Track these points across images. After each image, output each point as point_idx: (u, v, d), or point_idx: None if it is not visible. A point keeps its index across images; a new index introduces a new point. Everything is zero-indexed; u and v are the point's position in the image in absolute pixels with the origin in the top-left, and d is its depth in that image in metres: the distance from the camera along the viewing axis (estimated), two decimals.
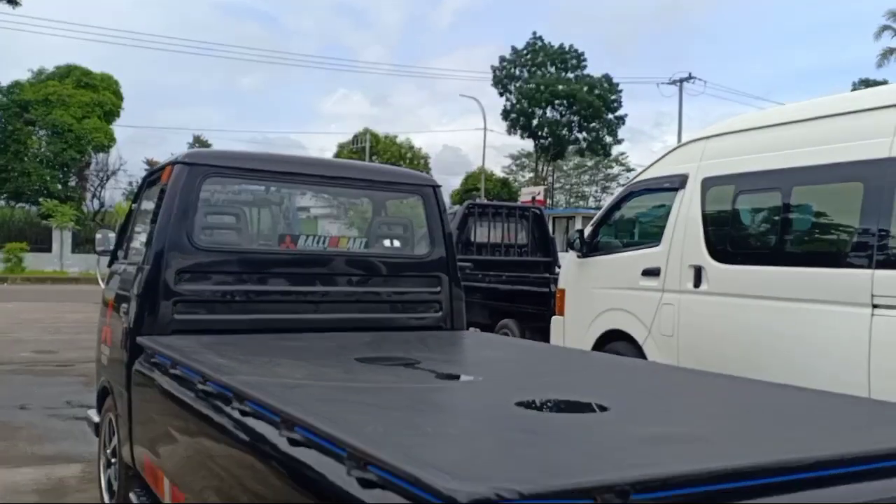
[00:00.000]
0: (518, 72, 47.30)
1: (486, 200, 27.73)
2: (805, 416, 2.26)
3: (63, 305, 16.62)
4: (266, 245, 4.82)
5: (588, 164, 58.45)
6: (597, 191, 59.86)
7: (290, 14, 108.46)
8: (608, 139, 47.11)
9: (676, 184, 5.50)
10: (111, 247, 4.79)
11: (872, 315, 4.03)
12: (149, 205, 4.23)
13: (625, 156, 56.77)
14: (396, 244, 4.72)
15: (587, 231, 6.42)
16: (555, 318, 6.67)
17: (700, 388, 2.81)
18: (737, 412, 2.33)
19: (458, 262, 4.57)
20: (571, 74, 46.68)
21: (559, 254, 11.49)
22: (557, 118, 45.79)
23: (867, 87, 6.05)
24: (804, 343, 4.34)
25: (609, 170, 58.85)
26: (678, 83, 36.78)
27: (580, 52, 46.87)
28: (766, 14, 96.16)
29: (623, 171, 55.78)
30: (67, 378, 8.36)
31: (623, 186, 6.71)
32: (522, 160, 55.92)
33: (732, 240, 5.05)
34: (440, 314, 4.38)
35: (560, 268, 8.77)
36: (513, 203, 18.74)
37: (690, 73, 36.99)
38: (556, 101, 44.92)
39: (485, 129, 40.19)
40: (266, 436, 2.03)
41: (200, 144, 41.99)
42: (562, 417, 2.23)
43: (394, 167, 5.43)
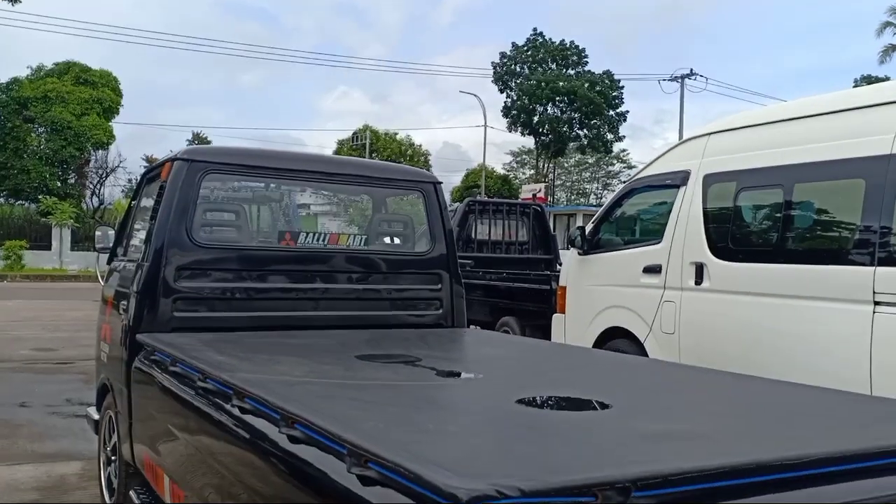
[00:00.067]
0: (519, 68, 47.19)
1: (487, 197, 27.70)
2: (806, 413, 2.25)
3: (62, 303, 16.62)
4: (266, 242, 4.81)
5: (589, 161, 58.41)
6: (598, 188, 59.86)
7: (290, 13, 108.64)
8: (609, 136, 46.99)
9: (678, 180, 5.49)
10: (110, 244, 4.78)
11: (874, 312, 4.02)
12: (148, 202, 4.22)
13: (626, 153, 56.75)
14: (397, 241, 4.72)
15: (588, 228, 6.41)
16: (556, 316, 6.67)
17: (701, 386, 2.80)
18: (738, 409, 2.33)
19: (459, 260, 4.56)
20: (572, 71, 46.56)
21: (560, 251, 11.49)
22: (558, 115, 45.66)
23: (869, 84, 6.03)
24: (806, 340, 4.34)
25: (610, 167, 58.85)
26: (680, 80, 36.71)
27: (581, 49, 46.71)
28: (767, 14, 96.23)
29: (624, 168, 55.80)
30: (67, 376, 8.36)
31: (624, 183, 6.70)
32: (523, 157, 55.87)
33: (734, 237, 5.04)
34: (441, 311, 4.37)
35: (561, 265, 8.76)
36: (514, 200, 18.74)
37: (692, 70, 36.94)
38: (557, 98, 44.77)
39: (485, 126, 40.11)
40: (266, 433, 2.03)
41: (200, 142, 41.96)
42: (563, 415, 2.23)
43: (394, 164, 5.42)
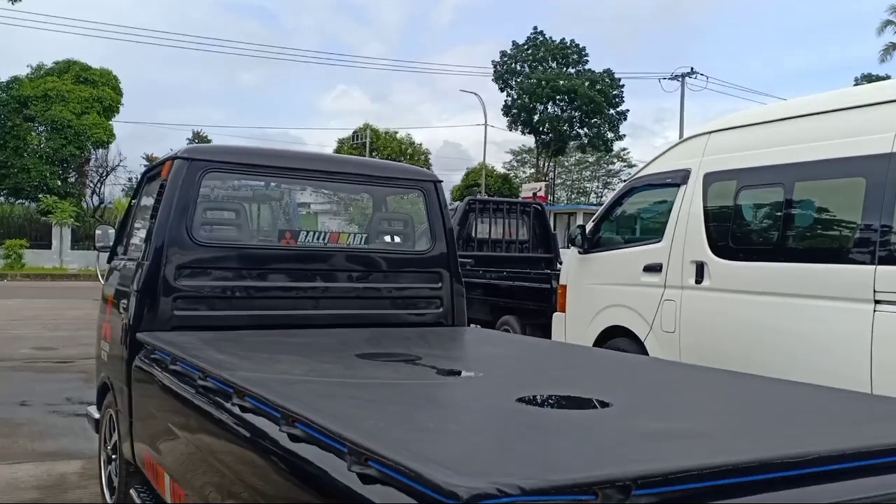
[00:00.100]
0: (519, 67, 47.16)
1: (487, 196, 27.70)
2: (807, 412, 2.25)
3: (63, 302, 16.63)
4: (266, 241, 4.81)
5: (589, 160, 58.37)
6: (598, 187, 59.81)
7: (291, 12, 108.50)
8: (610, 135, 46.96)
9: (678, 179, 5.49)
10: (111, 243, 4.78)
11: (874, 311, 4.02)
12: (148, 200, 4.21)
13: (626, 151, 56.75)
14: (397, 240, 4.71)
15: (589, 227, 6.41)
16: (556, 315, 6.67)
17: (702, 384, 2.80)
18: (738, 408, 2.33)
19: (459, 259, 4.56)
20: (573, 70, 46.53)
21: (560, 250, 11.49)
22: (559, 113, 45.63)
23: (870, 83, 6.03)
24: (806, 339, 4.34)
25: (610, 166, 58.81)
26: (680, 78, 36.68)
27: (581, 47, 46.66)
28: (767, 13, 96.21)
29: (625, 167, 55.76)
30: (67, 374, 8.36)
31: (625, 182, 6.69)
32: (523, 156, 55.83)
33: (734, 235, 5.04)
34: (441, 310, 4.37)
35: (561, 264, 8.76)
36: (514, 199, 18.73)
37: (693, 68, 36.92)
38: (558, 97, 44.74)
39: (485, 125, 40.02)
40: (267, 431, 2.03)
41: (200, 140, 41.95)
42: (563, 413, 2.23)
43: (394, 163, 5.42)
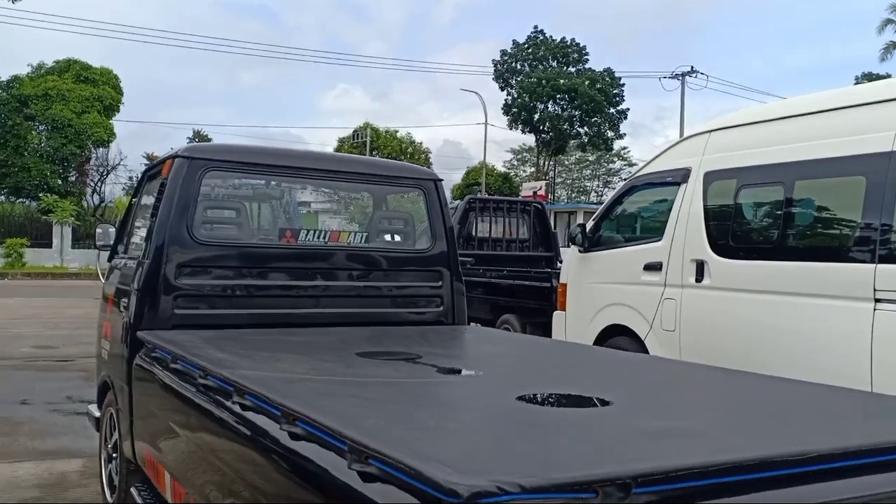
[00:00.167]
0: (519, 66, 47.15)
1: (488, 195, 27.70)
2: (807, 410, 2.25)
3: (63, 301, 16.64)
4: (266, 239, 4.81)
5: (590, 159, 58.39)
6: (598, 185, 59.84)
7: (291, 11, 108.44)
8: (610, 134, 46.97)
9: (679, 178, 5.49)
10: (111, 242, 4.78)
11: (875, 309, 4.02)
12: (149, 199, 4.22)
13: (626, 150, 56.83)
14: (397, 239, 4.71)
15: (589, 226, 6.41)
16: (556, 314, 6.67)
17: (702, 383, 2.81)
18: (739, 406, 2.33)
19: (460, 257, 4.56)
20: (573, 68, 46.51)
21: (560, 248, 11.49)
22: (559, 112, 45.63)
23: (870, 82, 6.02)
24: (806, 338, 4.34)
25: (611, 164, 58.85)
26: (680, 77, 36.67)
27: (582, 46, 46.65)
28: (767, 11, 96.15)
29: (625, 166, 55.80)
30: (68, 373, 8.37)
31: (625, 181, 6.70)
32: (524, 155, 55.84)
33: (735, 234, 5.04)
34: (441, 309, 4.37)
35: (561, 263, 8.76)
36: (514, 198, 18.73)
37: (693, 67, 36.91)
38: (558, 96, 44.74)
39: (486, 124, 39.99)
40: (267, 430, 2.03)
41: (201, 139, 41.93)
42: (563, 412, 2.23)
43: (395, 161, 5.42)
